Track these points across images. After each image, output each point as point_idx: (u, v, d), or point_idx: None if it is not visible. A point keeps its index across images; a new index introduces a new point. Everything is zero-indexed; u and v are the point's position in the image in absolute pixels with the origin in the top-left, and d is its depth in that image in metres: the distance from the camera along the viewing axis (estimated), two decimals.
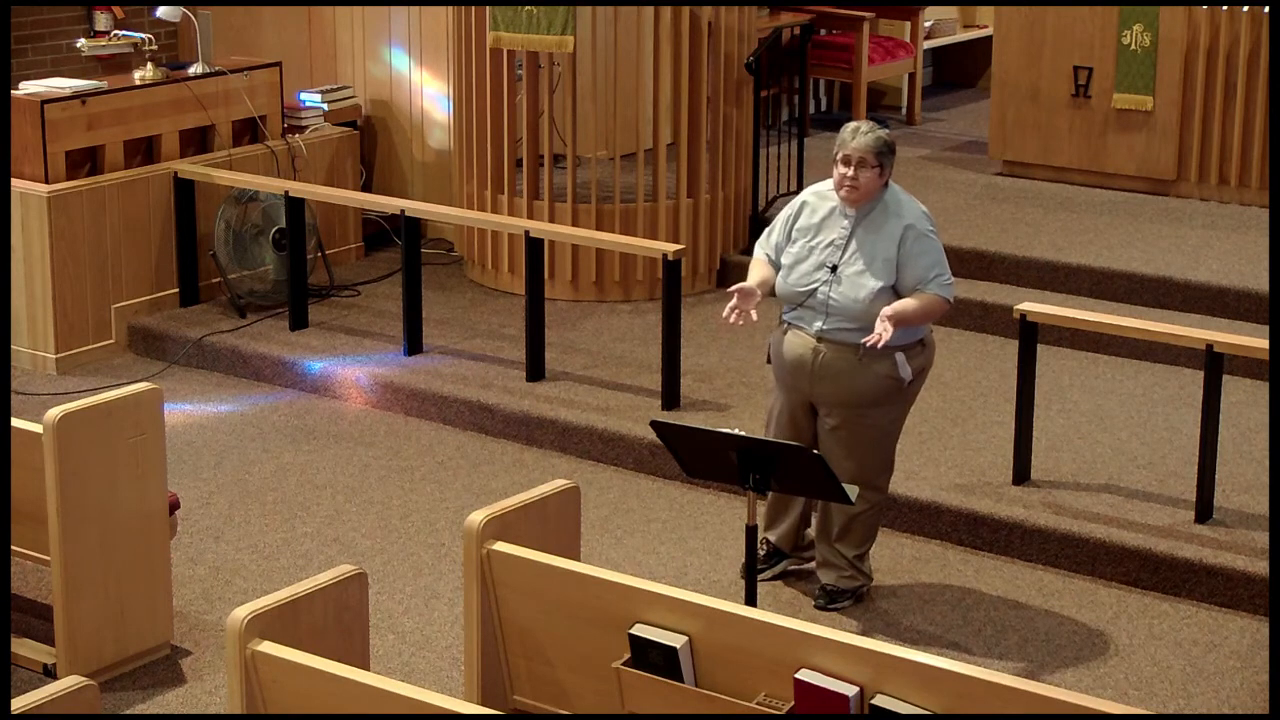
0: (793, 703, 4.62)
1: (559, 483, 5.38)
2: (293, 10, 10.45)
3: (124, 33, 10.07)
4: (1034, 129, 10.28)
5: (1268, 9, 9.51)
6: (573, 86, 9.34)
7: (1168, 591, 6.58)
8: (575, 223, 9.15)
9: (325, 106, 10.03)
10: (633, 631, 4.86)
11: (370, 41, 10.29)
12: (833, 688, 4.52)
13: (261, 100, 9.56)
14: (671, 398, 7.91)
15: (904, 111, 12.34)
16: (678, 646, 4.78)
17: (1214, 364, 6.69)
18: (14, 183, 8.67)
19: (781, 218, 6.39)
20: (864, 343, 6.07)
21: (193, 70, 9.39)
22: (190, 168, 9.12)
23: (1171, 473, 7.22)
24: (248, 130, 9.56)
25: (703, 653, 4.79)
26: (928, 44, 12.61)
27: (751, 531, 5.64)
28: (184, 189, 9.10)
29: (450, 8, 9.57)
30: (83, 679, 4.26)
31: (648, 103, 9.34)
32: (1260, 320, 8.41)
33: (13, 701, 4.17)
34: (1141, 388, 8.15)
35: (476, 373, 8.36)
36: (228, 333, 8.89)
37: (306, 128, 9.87)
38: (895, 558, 6.84)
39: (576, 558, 5.28)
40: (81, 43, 10.04)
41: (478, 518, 5.11)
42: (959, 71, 13.37)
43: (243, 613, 4.59)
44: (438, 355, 8.60)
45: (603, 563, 6.59)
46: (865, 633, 6.17)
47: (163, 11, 9.60)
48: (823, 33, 11.98)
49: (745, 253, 9.54)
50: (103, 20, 10.13)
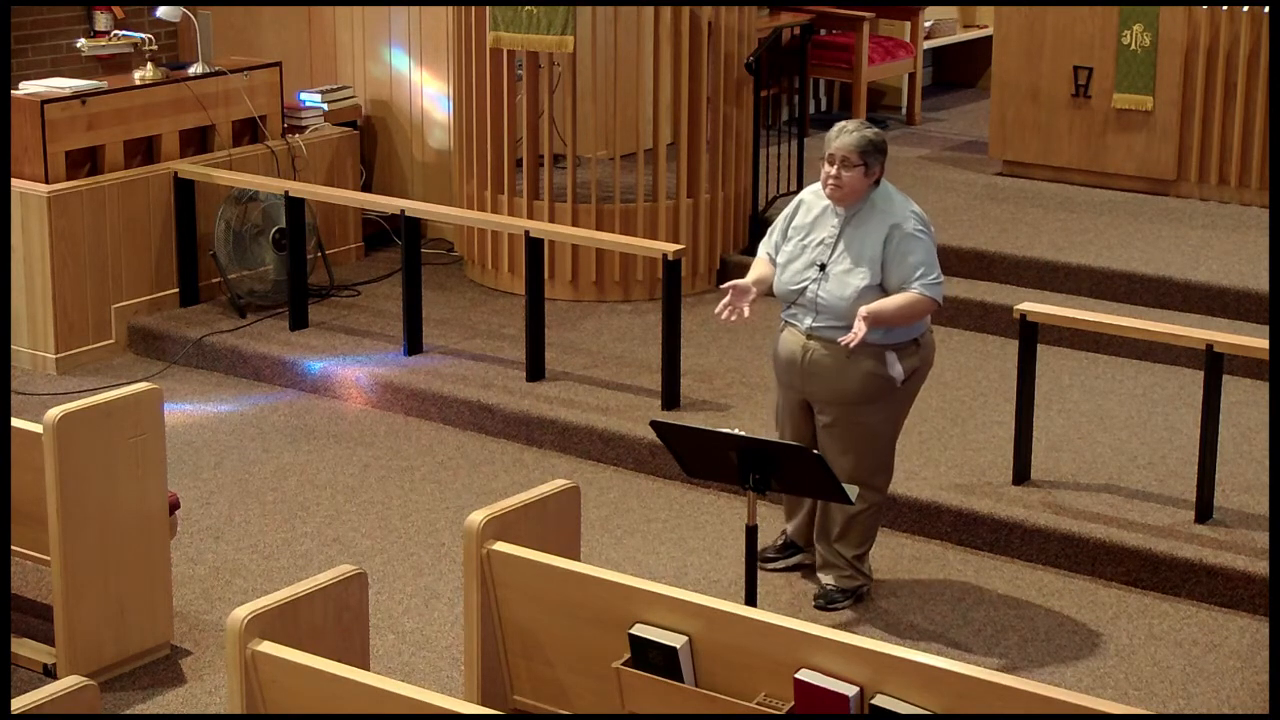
0: (793, 703, 4.62)
1: (559, 483, 5.38)
2: (293, 10, 10.45)
3: (124, 33, 10.07)
4: (1034, 129, 10.28)
5: (1268, 9, 9.51)
6: (573, 86, 9.34)
7: (1168, 591, 6.58)
8: (575, 223, 9.15)
9: (325, 106, 10.03)
10: (633, 631, 4.86)
11: (370, 41, 10.29)
12: (833, 688, 4.52)
13: (261, 100, 9.56)
14: (671, 398, 7.91)
15: (904, 111, 12.34)
16: (678, 646, 4.78)
17: (1214, 364, 6.69)
18: (14, 183, 8.67)
19: (781, 216, 6.45)
20: (840, 341, 6.11)
21: (193, 70, 9.39)
22: (190, 168, 9.12)
23: (1171, 473, 7.22)
24: (248, 130, 9.56)
25: (703, 653, 4.79)
26: (928, 44, 12.60)
27: (752, 531, 5.65)
28: (184, 189, 9.10)
29: (450, 8, 9.57)
30: (83, 679, 4.26)
31: (648, 103, 9.34)
32: (1260, 320, 8.41)
33: (13, 701, 4.17)
34: (1141, 388, 8.15)
35: (476, 373, 8.36)
36: (228, 333, 8.89)
37: (306, 128, 9.87)
38: (895, 558, 6.84)
39: (576, 558, 5.28)
40: (81, 43, 10.04)
41: (478, 518, 5.12)
42: (959, 71, 13.37)
43: (243, 613, 4.59)
44: (438, 355, 8.60)
45: (603, 563, 6.59)
46: (865, 633, 6.16)
47: (163, 11, 9.61)
48: (823, 33, 11.98)
49: (745, 253, 9.55)
50: (103, 20, 10.13)
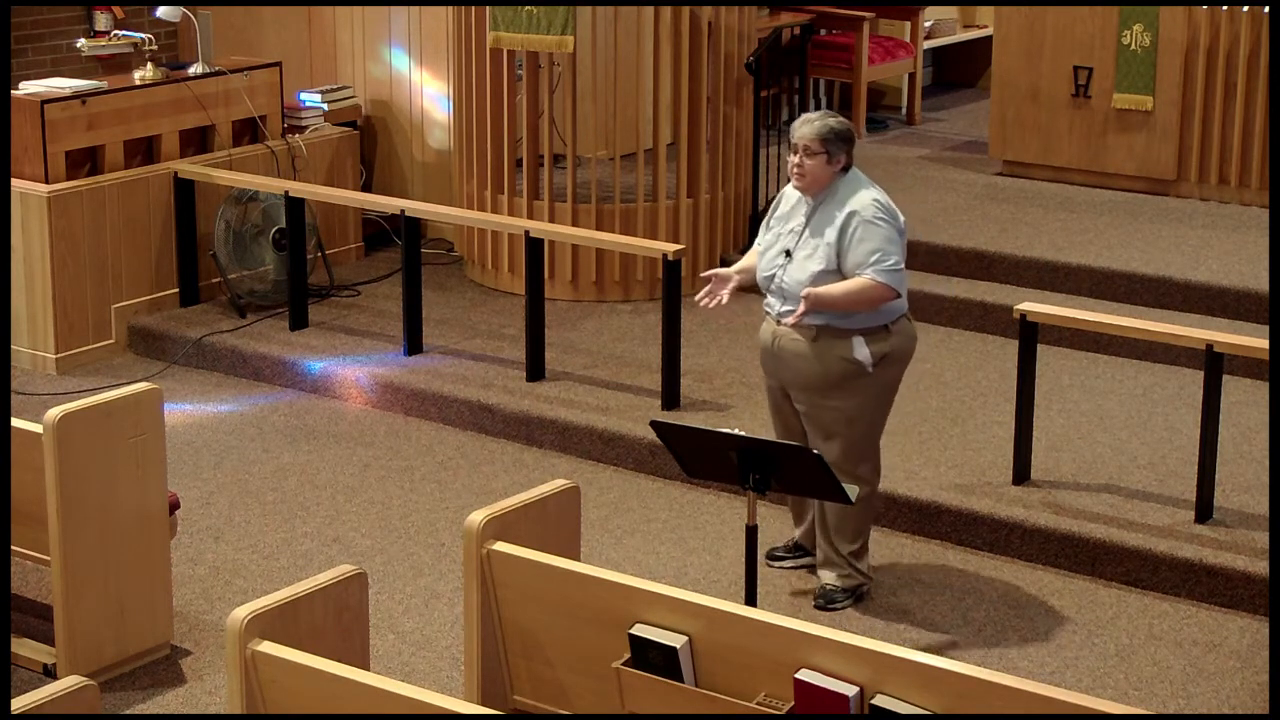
0: (793, 703, 4.62)
1: (559, 483, 5.38)
2: (293, 10, 10.45)
3: (124, 33, 10.07)
4: (1034, 129, 10.28)
5: (1268, 9, 9.51)
6: (573, 86, 9.34)
7: (1168, 591, 6.58)
8: (575, 223, 9.15)
9: (325, 106, 10.03)
10: (633, 631, 4.86)
11: (370, 41, 10.29)
12: (833, 688, 4.52)
13: (261, 100, 9.56)
14: (671, 398, 7.91)
15: (904, 111, 12.34)
16: (678, 646, 4.78)
17: (1214, 364, 6.69)
18: (14, 183, 8.67)
19: (769, 213, 6.54)
20: (783, 321, 6.23)
21: (193, 70, 9.39)
22: (190, 168, 9.12)
23: (1171, 473, 7.22)
24: (248, 130, 9.56)
25: (703, 653, 4.79)
26: (928, 44, 12.61)
27: (752, 531, 5.65)
28: (184, 189, 9.10)
29: (450, 8, 9.57)
30: (83, 679, 4.26)
31: (648, 103, 9.34)
32: (1260, 320, 8.41)
33: (13, 701, 4.17)
34: (1141, 388, 8.15)
35: (476, 373, 8.36)
36: (228, 333, 8.89)
37: (306, 128, 9.87)
38: (895, 558, 6.84)
39: (576, 558, 5.28)
40: (81, 43, 10.04)
41: (478, 518, 5.12)
42: (959, 71, 13.37)
43: (243, 613, 4.59)
44: (438, 355, 8.60)
45: (603, 563, 6.59)
46: (865, 633, 6.16)
47: (163, 11, 9.60)
48: (823, 33, 11.98)
49: (745, 252, 9.53)
50: (103, 20, 10.13)
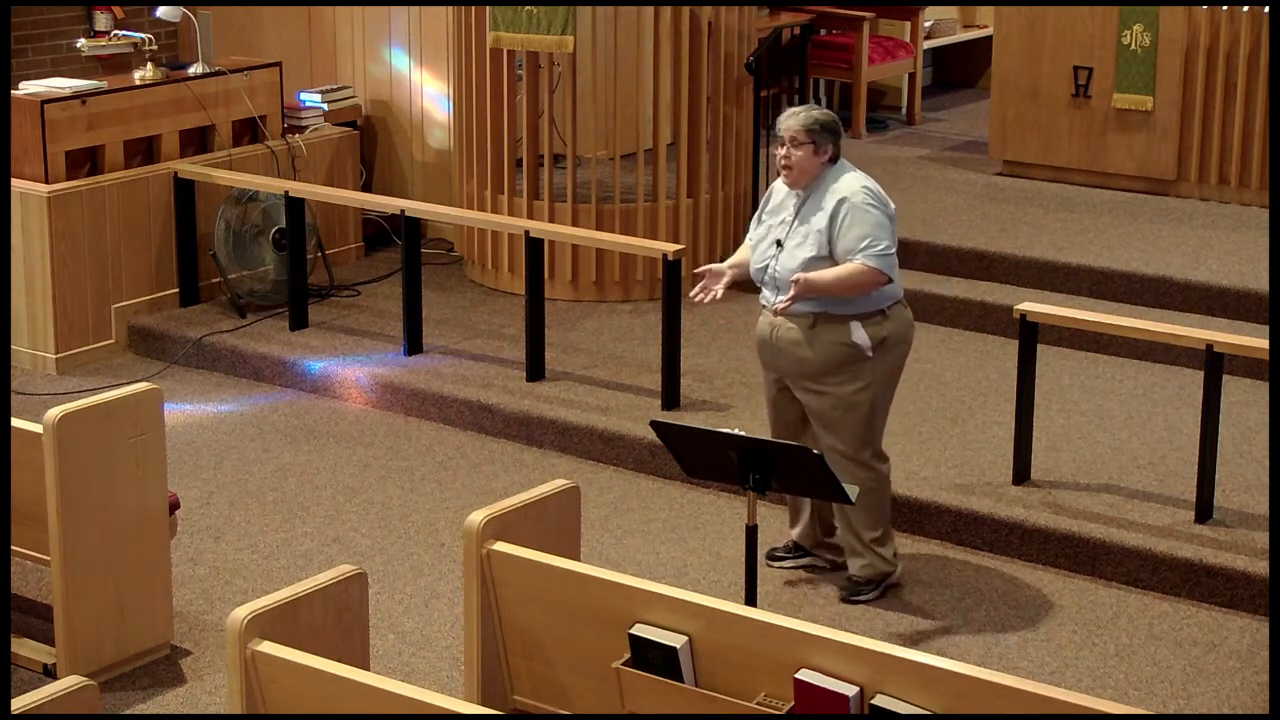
0: (793, 703, 4.62)
1: (559, 483, 5.38)
2: (293, 10, 10.45)
3: (124, 33, 10.07)
4: (1034, 129, 10.28)
5: (1268, 9, 9.51)
6: (573, 86, 9.34)
7: (1168, 591, 6.58)
8: (575, 223, 9.15)
9: (325, 106, 10.03)
10: (633, 631, 4.86)
11: (370, 41, 10.29)
12: (833, 688, 4.52)
13: (261, 100, 9.56)
14: (671, 398, 7.91)
15: (904, 111, 12.34)
16: (678, 646, 4.78)
17: (1214, 364, 6.69)
18: (14, 183, 8.67)
19: (757, 211, 6.58)
20: (773, 306, 6.27)
21: (193, 70, 9.39)
22: (190, 168, 9.12)
23: (1171, 473, 7.22)
24: (248, 130, 9.56)
25: (703, 653, 4.79)
26: (928, 44, 12.61)
27: (752, 531, 5.65)
28: (184, 189, 9.10)
29: (450, 8, 9.57)
30: (83, 679, 4.26)
31: (648, 103, 9.34)
32: (1260, 320, 8.41)
33: (13, 701, 4.17)
34: (1141, 388, 8.15)
35: (476, 373, 8.36)
36: (228, 333, 8.89)
37: (306, 128, 9.87)
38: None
39: (576, 558, 5.28)
40: (81, 43, 10.03)
41: (478, 518, 5.11)
42: (959, 71, 13.37)
43: (243, 613, 4.59)
44: (438, 355, 8.60)
45: (603, 563, 6.59)
46: (865, 633, 6.16)
47: (163, 11, 9.60)
48: (823, 33, 11.98)
49: None
50: (103, 20, 10.13)
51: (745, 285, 6.75)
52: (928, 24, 12.57)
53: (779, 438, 6.40)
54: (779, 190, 6.46)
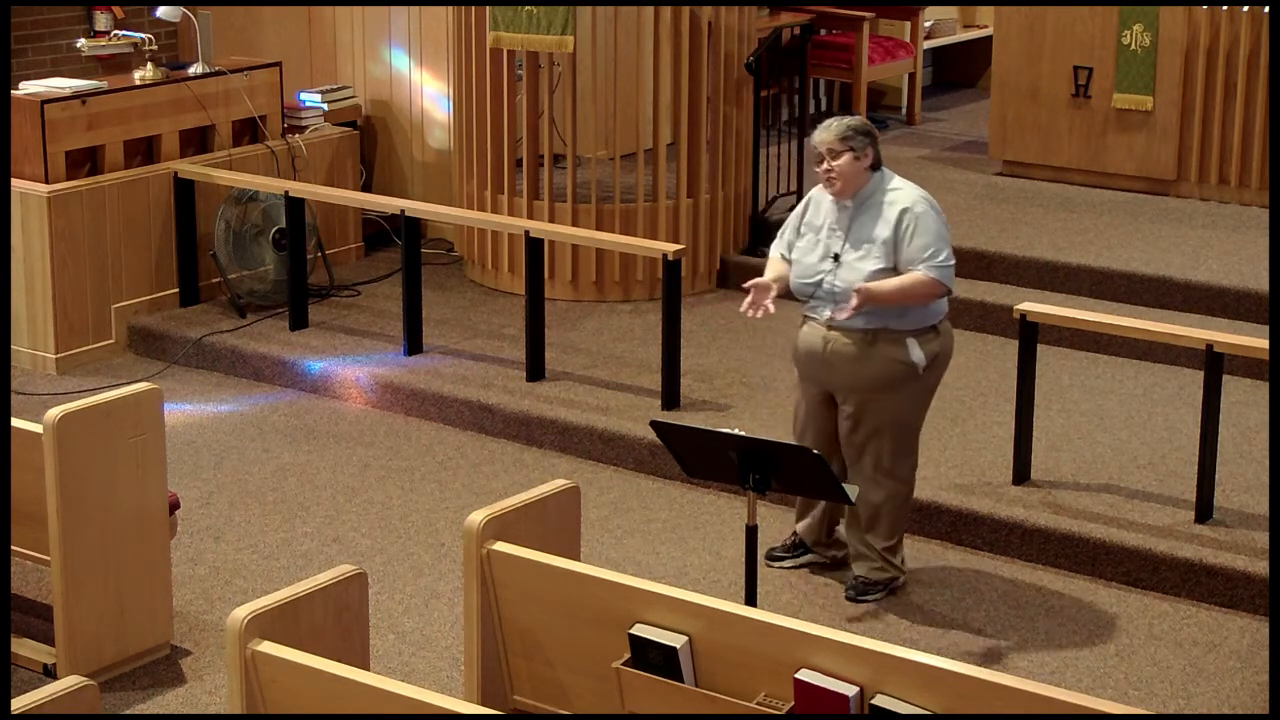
0: (793, 703, 4.62)
1: (559, 483, 5.38)
2: (293, 10, 10.45)
3: (124, 33, 10.07)
4: (1034, 129, 10.29)
5: (1268, 9, 9.51)
6: (573, 86, 9.34)
7: (1168, 591, 6.58)
8: (575, 223, 9.15)
9: (325, 106, 10.03)
10: (633, 631, 4.86)
11: (370, 41, 10.29)
12: (833, 688, 4.52)
13: (261, 100, 9.56)
14: (671, 398, 7.91)
15: (904, 111, 12.34)
16: (678, 646, 4.78)
17: (1214, 364, 6.69)
18: (14, 183, 8.67)
19: (792, 217, 6.52)
20: (834, 315, 6.20)
21: (193, 70, 9.39)
22: (190, 168, 9.12)
23: (1171, 473, 7.22)
24: (248, 130, 9.56)
25: (703, 653, 4.79)
26: (928, 44, 12.61)
27: (752, 531, 5.65)
28: (184, 189, 9.10)
29: (450, 8, 9.57)
30: (83, 679, 4.26)
31: (648, 103, 9.34)
32: (1260, 320, 8.41)
33: (13, 701, 4.17)
34: (1141, 388, 8.15)
35: (476, 373, 8.36)
36: (228, 333, 8.89)
37: (306, 128, 9.87)
38: None
39: (576, 558, 5.28)
40: (81, 43, 10.03)
41: (478, 518, 5.11)
42: (959, 71, 13.37)
43: (243, 613, 4.59)
44: (438, 355, 8.60)
45: (603, 563, 6.59)
46: (865, 633, 6.16)
47: (163, 11, 9.60)
48: (823, 33, 11.98)
49: (745, 253, 9.56)
50: (103, 20, 10.13)
51: (783, 295, 6.64)
52: (928, 24, 12.57)
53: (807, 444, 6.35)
54: (821, 201, 6.38)
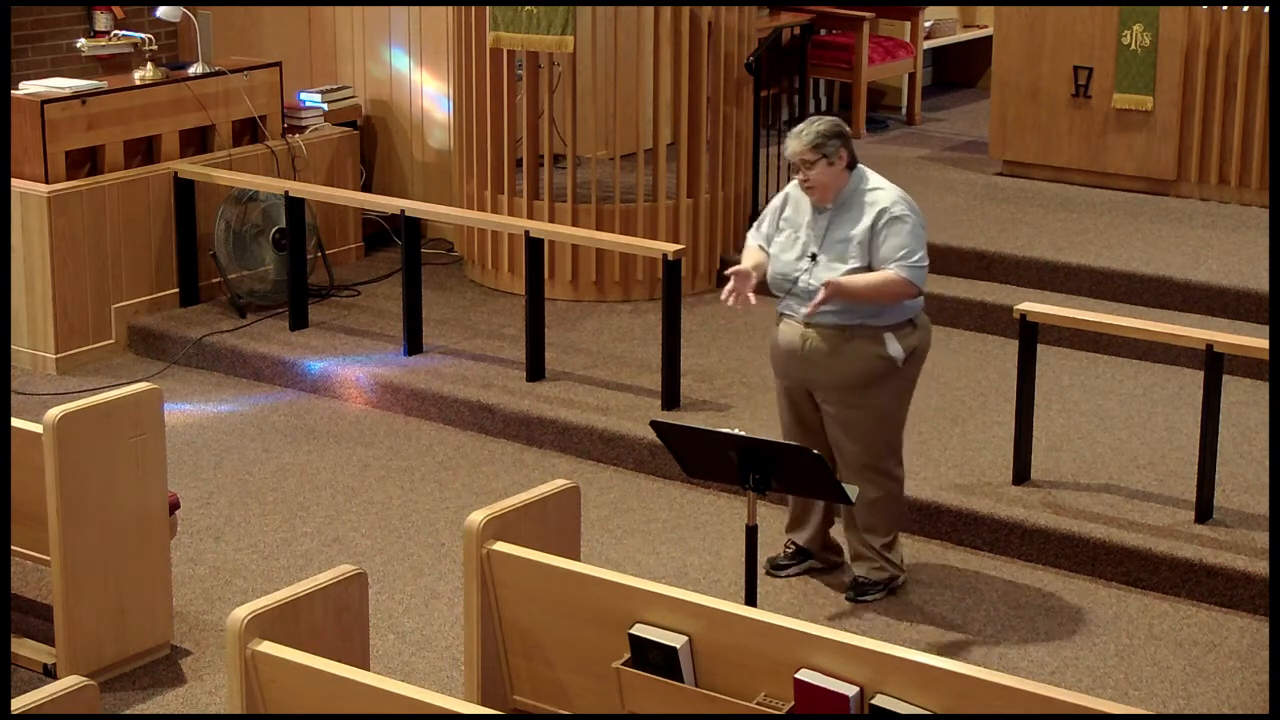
0: (793, 703, 4.62)
1: (559, 483, 5.38)
2: (293, 10, 10.45)
3: (124, 33, 10.07)
4: (1034, 129, 10.28)
5: (1268, 9, 9.51)
6: (573, 86, 9.34)
7: (1168, 591, 6.58)
8: (575, 223, 9.15)
9: (325, 106, 10.03)
10: (633, 631, 4.86)
11: (370, 41, 10.29)
12: (833, 688, 4.52)
13: (261, 100, 9.56)
14: (671, 398, 7.91)
15: (904, 111, 12.34)
16: (678, 646, 4.78)
17: (1214, 364, 6.69)
18: (14, 183, 8.67)
19: (770, 209, 6.52)
20: (801, 312, 6.22)
21: (193, 70, 9.39)
22: (190, 168, 9.12)
23: (1171, 473, 7.22)
24: (248, 130, 9.56)
25: (703, 653, 4.79)
26: (928, 44, 12.61)
27: (752, 531, 5.65)
28: (184, 189, 9.10)
29: (450, 8, 9.57)
30: (83, 679, 4.26)
31: (648, 103, 9.34)
32: (1260, 320, 8.41)
33: (13, 701, 4.17)
34: (1141, 388, 8.15)
35: (476, 373, 8.36)
36: (228, 333, 8.89)
37: (306, 128, 9.87)
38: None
39: (576, 558, 5.28)
40: (81, 43, 10.03)
41: (478, 518, 5.11)
42: (959, 71, 13.37)
43: (243, 613, 4.59)
44: (438, 355, 8.60)
45: (603, 563, 6.59)
46: (865, 633, 6.16)
47: (163, 11, 9.60)
48: (823, 33, 11.98)
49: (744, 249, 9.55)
50: (103, 20, 10.13)
51: (759, 286, 6.68)
52: (928, 24, 12.57)
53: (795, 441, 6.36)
54: (799, 198, 6.38)
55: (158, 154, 9.19)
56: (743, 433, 5.61)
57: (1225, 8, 9.66)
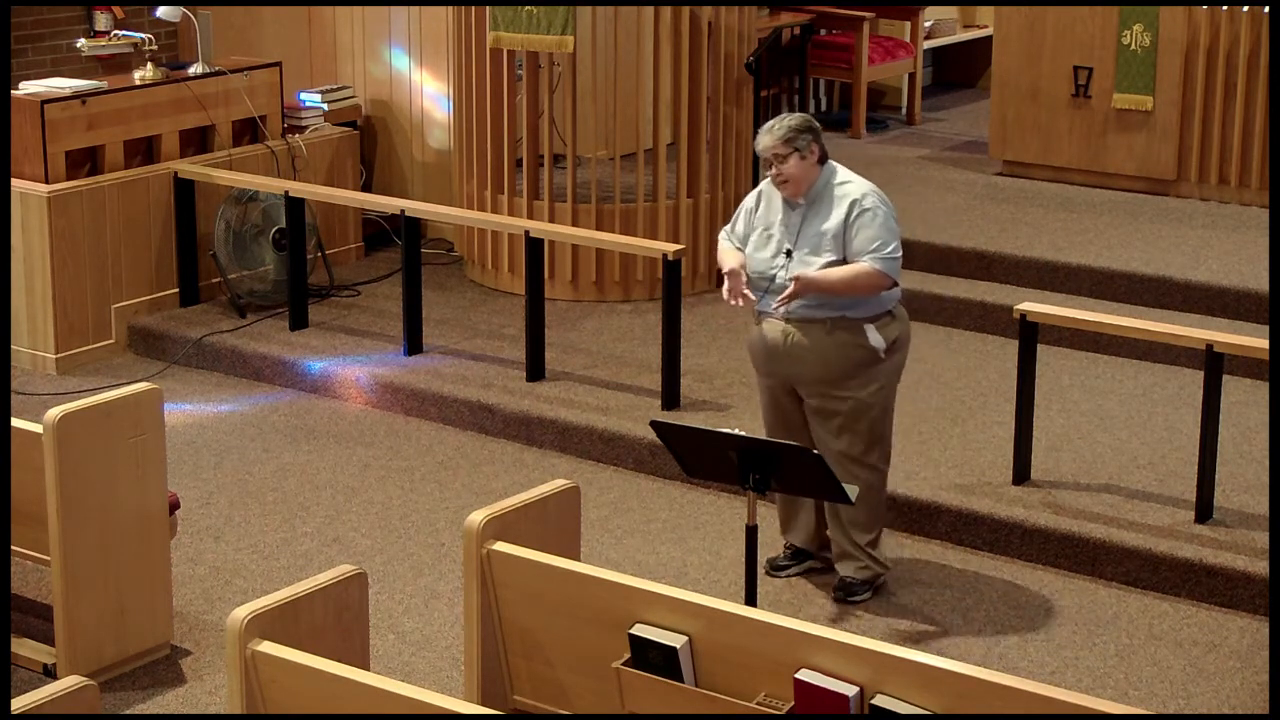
0: (793, 703, 4.62)
1: (559, 483, 5.38)
2: (293, 10, 10.45)
3: (124, 33, 10.07)
4: (1034, 129, 10.29)
5: (1268, 9, 9.51)
6: (573, 86, 9.34)
7: (1168, 591, 6.58)
8: (575, 223, 9.15)
9: (325, 106, 10.03)
10: (633, 631, 4.86)
11: (370, 41, 10.29)
12: (833, 688, 4.52)
13: (261, 100, 9.56)
14: (671, 398, 7.91)
15: (904, 111, 12.34)
16: (678, 646, 4.78)
17: (1214, 364, 6.69)
18: (14, 183, 8.67)
19: (743, 207, 6.53)
20: (773, 307, 6.22)
21: (193, 70, 9.39)
22: (190, 168, 9.12)
23: (1171, 473, 7.22)
24: (248, 130, 9.56)
25: (703, 653, 4.79)
26: (928, 44, 12.61)
27: (752, 531, 5.64)
28: (184, 189, 9.10)
29: (450, 8, 9.57)
30: (83, 679, 4.26)
31: (648, 103, 9.34)
32: (1260, 320, 8.41)
33: (13, 701, 4.17)
34: (1141, 388, 8.15)
35: (476, 373, 8.36)
36: (228, 333, 8.89)
37: (306, 128, 9.87)
38: (895, 558, 6.83)
39: (576, 558, 5.28)
40: (81, 43, 10.03)
41: (478, 518, 5.11)
42: (959, 71, 13.37)
43: (243, 613, 4.59)
44: (438, 355, 8.60)
45: (603, 563, 6.59)
46: (865, 633, 6.17)
47: (163, 11, 9.60)
48: (823, 33, 11.98)
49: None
50: (103, 20, 10.13)
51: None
52: (928, 24, 12.57)
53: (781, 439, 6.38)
54: (772, 195, 6.40)
55: (158, 154, 9.19)
56: (743, 433, 5.61)
57: (1225, 8, 9.66)
